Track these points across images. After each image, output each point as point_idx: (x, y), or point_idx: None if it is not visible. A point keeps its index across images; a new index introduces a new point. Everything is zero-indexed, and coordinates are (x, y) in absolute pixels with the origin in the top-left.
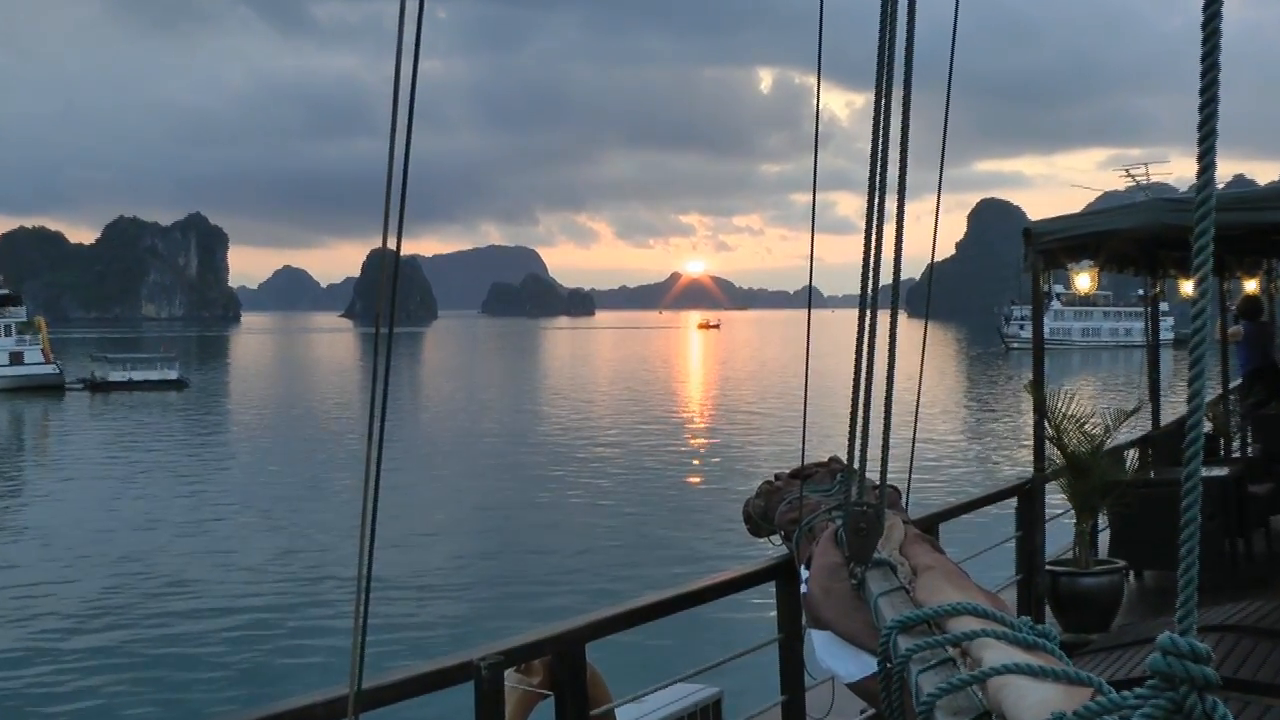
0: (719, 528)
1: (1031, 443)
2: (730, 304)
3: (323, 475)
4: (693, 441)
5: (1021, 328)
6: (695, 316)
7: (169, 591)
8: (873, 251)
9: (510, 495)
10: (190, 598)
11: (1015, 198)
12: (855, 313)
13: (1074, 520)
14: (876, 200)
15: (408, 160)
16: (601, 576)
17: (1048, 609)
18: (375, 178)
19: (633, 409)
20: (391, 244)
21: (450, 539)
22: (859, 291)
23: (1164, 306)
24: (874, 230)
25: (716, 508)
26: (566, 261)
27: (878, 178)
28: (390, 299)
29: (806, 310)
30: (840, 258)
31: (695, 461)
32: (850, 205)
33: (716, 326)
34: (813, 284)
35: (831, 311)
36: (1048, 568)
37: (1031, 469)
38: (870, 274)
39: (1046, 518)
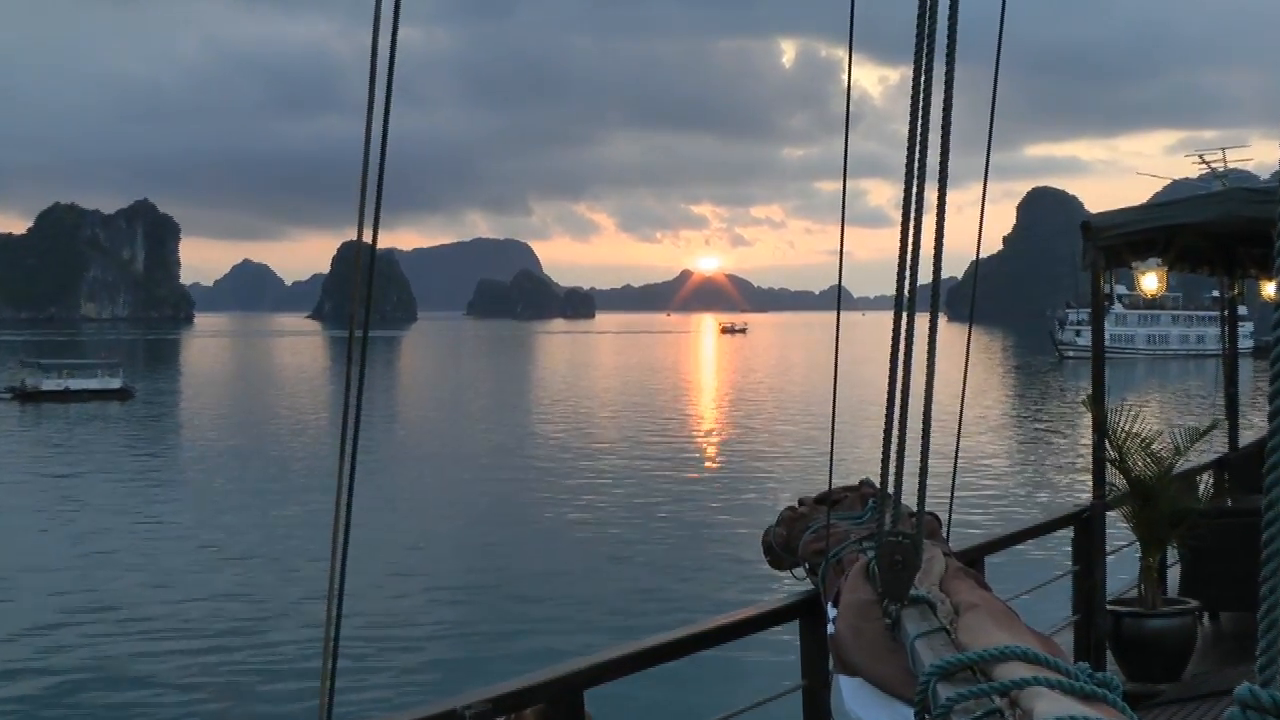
0: (735, 559)
1: (1090, 465)
2: (748, 305)
3: (287, 499)
4: (705, 462)
5: (1078, 334)
6: (708, 320)
7: (109, 633)
8: (909, 246)
9: (499, 522)
10: (133, 639)
11: (1071, 186)
12: (889, 316)
13: (1139, 554)
14: (914, 189)
15: (385, 141)
16: (602, 614)
17: (1109, 655)
18: (348, 161)
19: (637, 425)
20: (366, 236)
21: (432, 571)
22: (893, 292)
23: (1242, 310)
24: (911, 222)
25: (732, 537)
26: (563, 257)
27: (915, 163)
28: (364, 298)
29: (835, 313)
30: (872, 253)
31: (708, 485)
32: (884, 194)
33: (742, 331)
34: (842, 283)
35: (862, 314)
36: (1109, 607)
37: (1090, 495)
38: (907, 272)
39: (1108, 550)
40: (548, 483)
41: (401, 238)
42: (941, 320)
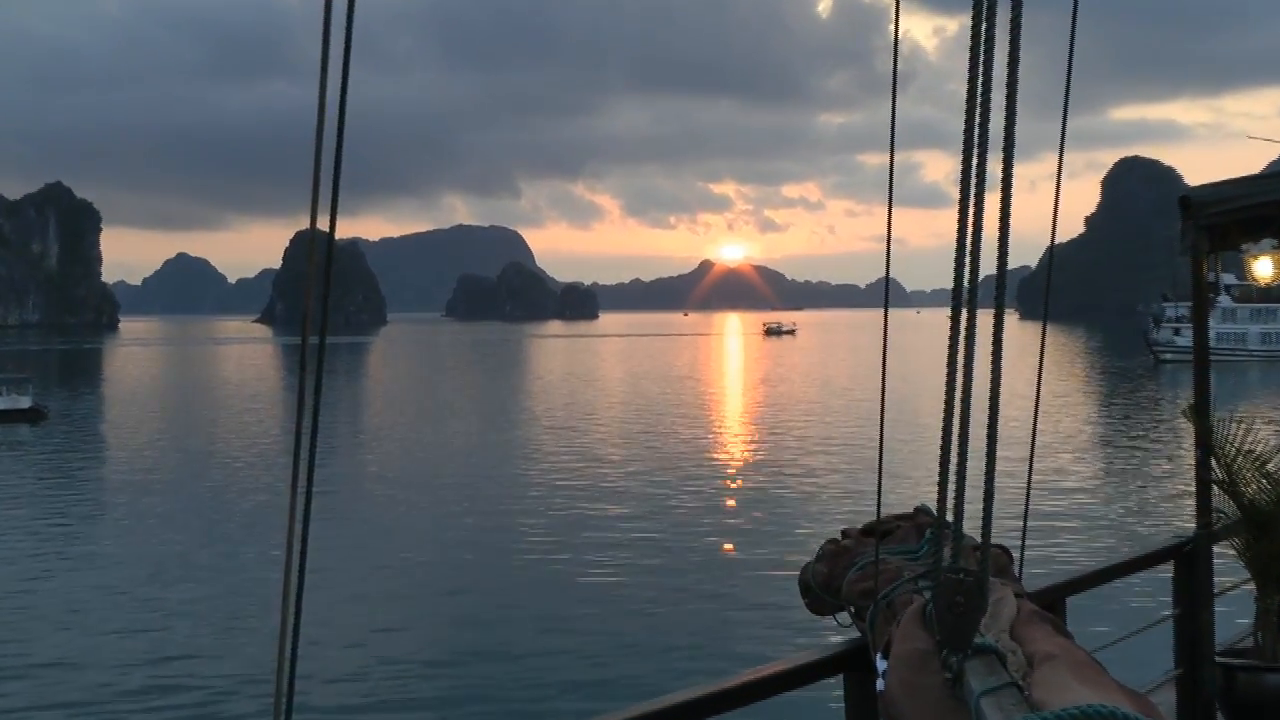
0: (767, 603)
1: (1193, 489)
2: (780, 302)
3: (230, 539)
4: (730, 486)
5: (1177, 332)
6: (733, 319)
7: (19, 691)
8: (970, 230)
9: (483, 565)
10: (51, 702)
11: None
12: (947, 313)
13: (1255, 595)
14: (976, 161)
15: (344, 111)
16: (609, 671)
17: (1219, 715)
18: (301, 136)
19: (647, 446)
20: (324, 224)
21: (403, 627)
22: (951, 285)
23: None
24: (972, 202)
25: (763, 576)
26: (559, 246)
27: (977, 130)
28: (322, 298)
29: (883, 311)
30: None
31: (733, 514)
32: (940, 168)
33: (790, 332)
34: (890, 275)
35: (916, 312)
36: (1218, 659)
37: (1194, 524)
38: (967, 261)
39: (1216, 591)
40: (541, 518)
41: (367, 225)
42: (1011, 318)
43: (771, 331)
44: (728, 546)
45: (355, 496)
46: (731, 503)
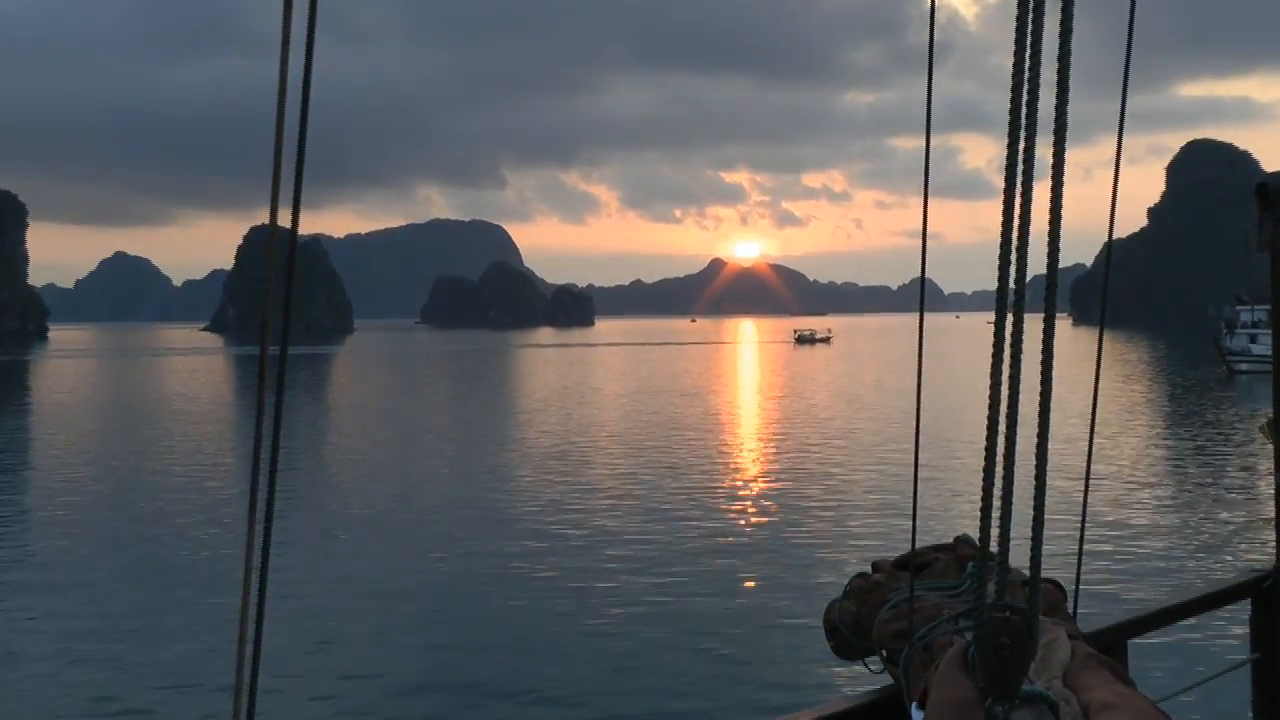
0: (787, 646)
1: (1273, 517)
2: (799, 306)
3: (177, 583)
4: (747, 511)
5: (1253, 339)
6: (747, 326)
7: None
8: (1017, 224)
9: (469, 615)
10: None
11: (1242, 138)
12: (989, 318)
13: None
14: (1023, 145)
15: (307, 90)
16: None
17: None
18: (256, 118)
19: (658, 469)
20: (284, 220)
21: (375, 671)
22: (995, 287)
23: None
24: (1018, 191)
25: (782, 616)
26: (550, 244)
27: (1024, 110)
28: (283, 303)
29: (918, 316)
30: (967, 234)
31: (751, 546)
32: (982, 153)
33: (825, 340)
34: (926, 275)
35: (955, 317)
36: None
37: (1274, 557)
38: (1013, 259)
39: None
40: (531, 559)
41: (332, 220)
42: (1063, 323)
43: (804, 340)
44: (747, 583)
45: (319, 526)
46: (746, 531)
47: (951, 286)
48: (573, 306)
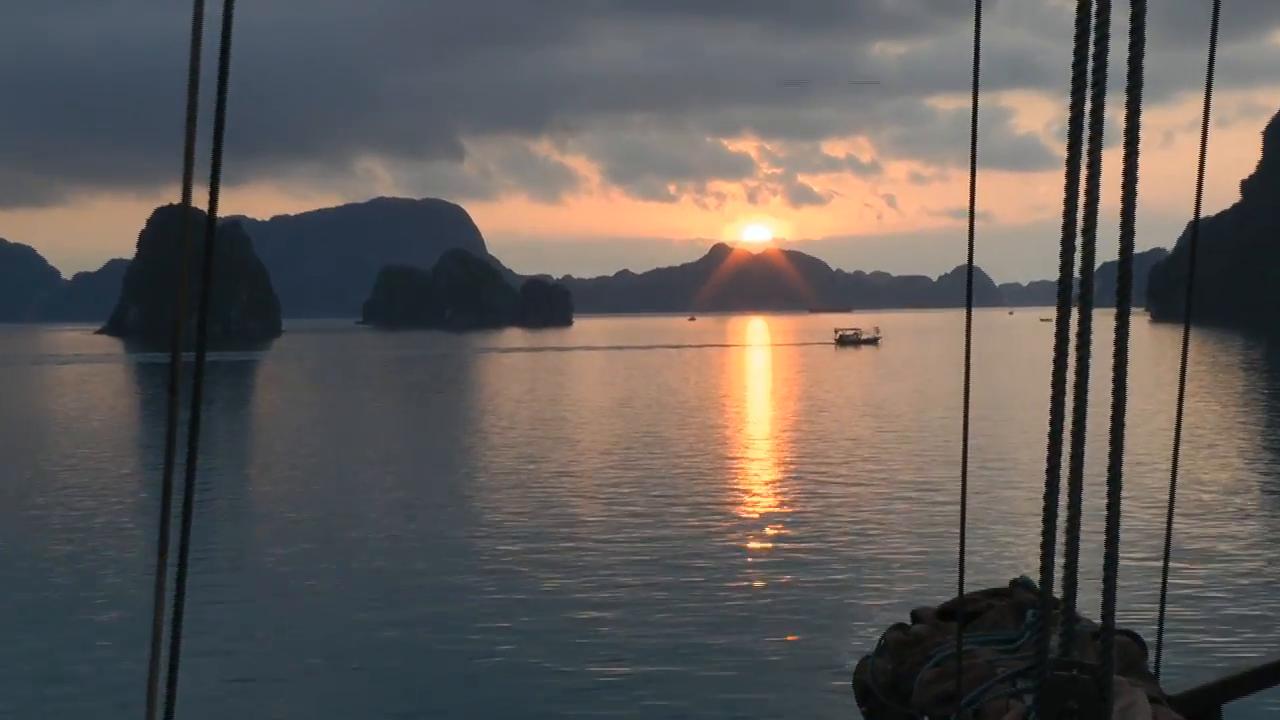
0: (810, 712)
1: None
2: (819, 300)
3: (76, 632)
4: (763, 549)
5: None
6: (758, 324)
7: None
8: (1083, 201)
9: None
10: None
11: None
12: (1049, 314)
13: None
14: (1090, 106)
15: (228, 42)
16: None
17: None
18: (163, 75)
19: (656, 499)
20: (198, 200)
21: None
22: (1056, 276)
23: None
24: (1085, 162)
25: (804, 673)
26: (517, 227)
27: (1091, 63)
28: (200, 300)
29: (965, 311)
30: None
31: (769, 591)
32: (1040, 114)
33: (872, 342)
34: (973, 263)
35: (1009, 313)
36: None
37: None
38: (1078, 243)
39: None
40: (498, 611)
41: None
42: (1140, 320)
43: (847, 341)
44: (767, 638)
45: (244, 560)
46: (760, 573)
47: (1003, 277)
48: (546, 303)
